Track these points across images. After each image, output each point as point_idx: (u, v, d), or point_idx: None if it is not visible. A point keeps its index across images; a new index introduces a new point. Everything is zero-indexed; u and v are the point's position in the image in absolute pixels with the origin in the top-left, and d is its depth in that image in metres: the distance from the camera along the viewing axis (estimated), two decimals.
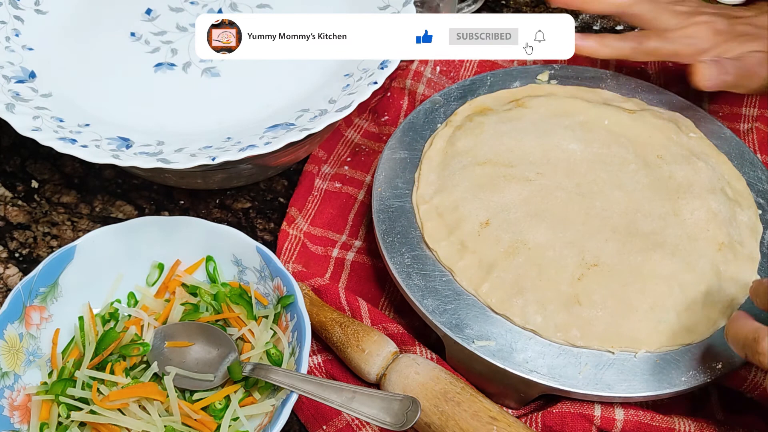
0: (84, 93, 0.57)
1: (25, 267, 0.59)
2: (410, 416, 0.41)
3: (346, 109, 0.51)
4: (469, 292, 0.49)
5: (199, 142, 0.52)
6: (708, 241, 0.50)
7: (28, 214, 0.62)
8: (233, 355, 0.49)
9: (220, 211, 0.62)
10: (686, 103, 0.61)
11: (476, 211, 0.52)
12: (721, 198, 0.52)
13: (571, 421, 0.46)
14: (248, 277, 0.52)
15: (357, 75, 0.55)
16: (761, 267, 0.50)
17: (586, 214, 0.51)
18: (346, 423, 0.48)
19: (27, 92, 0.55)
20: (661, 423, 0.46)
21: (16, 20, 0.60)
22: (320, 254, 0.58)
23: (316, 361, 0.52)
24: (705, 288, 0.48)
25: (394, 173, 0.56)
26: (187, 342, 0.50)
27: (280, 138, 0.50)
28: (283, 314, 0.50)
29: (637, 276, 0.48)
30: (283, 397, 0.45)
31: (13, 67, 0.57)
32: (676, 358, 0.46)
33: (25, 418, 0.46)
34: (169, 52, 0.61)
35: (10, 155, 0.66)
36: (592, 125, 0.56)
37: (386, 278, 0.56)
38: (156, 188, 0.64)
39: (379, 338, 0.49)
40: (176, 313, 0.51)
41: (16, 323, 0.48)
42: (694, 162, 0.54)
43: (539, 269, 0.48)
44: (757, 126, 0.65)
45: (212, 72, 0.59)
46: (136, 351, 0.49)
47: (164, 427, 0.45)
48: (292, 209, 0.60)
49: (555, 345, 0.46)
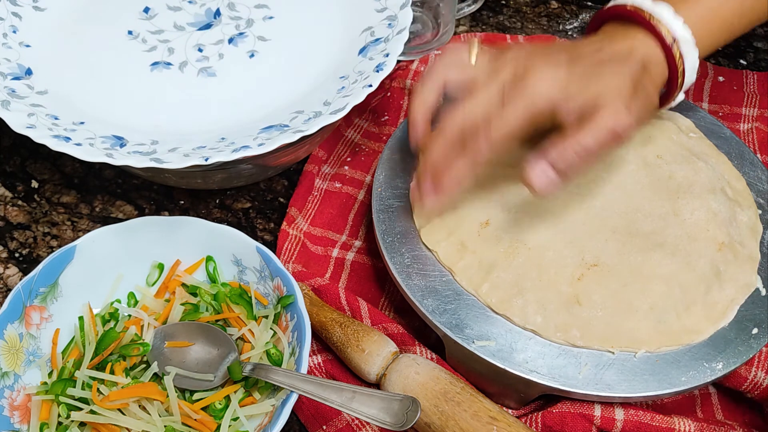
0: (80, 91, 0.57)
1: (25, 267, 0.59)
2: (410, 416, 0.41)
3: (341, 111, 0.51)
4: (469, 292, 0.49)
5: (193, 142, 0.52)
6: (708, 241, 0.50)
7: (28, 214, 0.62)
8: (233, 355, 0.49)
9: (220, 211, 0.62)
10: (686, 103, 0.61)
11: (476, 211, 0.52)
12: (721, 198, 0.52)
13: (571, 421, 0.46)
14: (248, 277, 0.52)
15: (352, 77, 0.55)
16: (761, 267, 0.50)
17: (586, 214, 0.51)
18: (346, 423, 0.48)
19: (23, 89, 0.55)
20: (661, 423, 0.46)
21: (14, 17, 0.60)
22: (320, 254, 0.58)
23: (316, 361, 0.52)
24: (705, 288, 0.48)
25: (394, 173, 0.56)
26: (187, 342, 0.49)
27: (274, 139, 0.50)
28: (283, 314, 0.50)
29: (637, 276, 0.48)
30: (283, 397, 0.45)
31: (9, 63, 0.57)
32: (676, 358, 0.46)
33: (25, 418, 0.46)
34: (165, 51, 0.60)
35: (10, 155, 0.66)
36: None
37: (386, 278, 0.56)
38: (156, 188, 0.64)
39: (379, 338, 0.49)
40: (176, 313, 0.51)
41: (16, 323, 0.48)
42: (694, 162, 0.54)
43: (539, 269, 0.48)
44: (757, 126, 0.65)
45: (208, 72, 0.59)
46: (136, 351, 0.49)
47: (164, 427, 0.45)
48: (292, 209, 0.60)
49: (555, 345, 0.46)
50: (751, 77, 0.70)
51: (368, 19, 0.60)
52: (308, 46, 0.61)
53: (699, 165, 0.54)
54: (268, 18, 0.63)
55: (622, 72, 0.46)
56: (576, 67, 0.45)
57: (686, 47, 0.49)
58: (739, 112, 0.66)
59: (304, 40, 0.61)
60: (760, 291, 0.49)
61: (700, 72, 0.70)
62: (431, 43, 0.73)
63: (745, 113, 0.66)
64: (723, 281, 0.49)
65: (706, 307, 0.47)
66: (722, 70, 0.71)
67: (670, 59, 0.49)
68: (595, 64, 0.46)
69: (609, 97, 0.44)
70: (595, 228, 0.50)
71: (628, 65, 0.46)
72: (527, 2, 0.80)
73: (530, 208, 0.51)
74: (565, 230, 0.50)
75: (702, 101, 0.68)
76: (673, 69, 0.49)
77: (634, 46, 0.48)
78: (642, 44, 0.48)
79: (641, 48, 0.48)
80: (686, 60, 0.49)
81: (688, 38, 0.48)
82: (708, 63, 0.71)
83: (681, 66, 0.49)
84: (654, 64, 0.49)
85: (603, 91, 0.44)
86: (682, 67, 0.49)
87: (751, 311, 0.48)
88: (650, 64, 0.48)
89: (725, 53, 0.74)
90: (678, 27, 0.48)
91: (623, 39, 0.49)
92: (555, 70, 0.45)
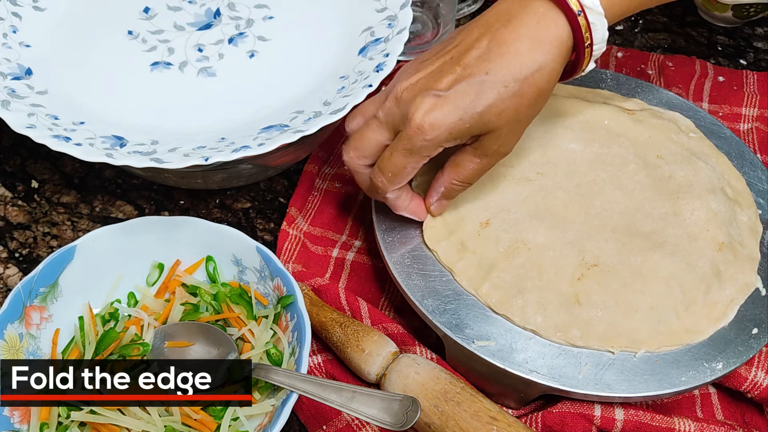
0: (79, 91, 0.57)
1: (25, 267, 0.59)
2: (410, 416, 0.41)
3: (341, 111, 0.51)
4: (469, 292, 0.49)
5: (193, 142, 0.52)
6: (708, 241, 0.50)
7: (28, 214, 0.62)
8: (233, 355, 0.49)
9: (220, 211, 0.62)
10: (686, 103, 0.61)
11: (476, 211, 0.52)
12: (721, 198, 0.52)
13: (571, 421, 0.46)
14: (248, 277, 0.52)
15: (352, 77, 0.55)
16: (761, 267, 0.50)
17: (586, 214, 0.51)
18: (346, 423, 0.48)
19: (23, 89, 0.55)
20: (661, 423, 0.46)
21: (14, 17, 0.60)
22: (320, 254, 0.58)
23: (316, 361, 0.52)
24: (705, 288, 0.48)
25: None
26: (187, 342, 0.49)
27: (274, 139, 0.50)
28: (283, 314, 0.50)
29: (637, 276, 0.48)
30: (283, 397, 0.45)
31: (9, 63, 0.57)
32: (676, 358, 0.46)
33: (25, 418, 0.46)
34: (165, 51, 0.60)
35: (10, 155, 0.66)
36: (592, 125, 0.56)
37: (386, 278, 0.56)
38: (156, 188, 0.64)
39: (379, 338, 0.49)
40: (176, 313, 0.51)
41: (16, 323, 0.48)
42: (694, 162, 0.54)
43: (539, 269, 0.48)
44: (757, 126, 0.65)
45: (208, 72, 0.59)
46: (136, 351, 0.49)
47: (164, 427, 0.45)
48: (292, 209, 0.60)
49: (555, 345, 0.46)
50: (751, 77, 0.70)
51: (368, 19, 0.60)
52: (308, 46, 0.61)
53: (699, 165, 0.54)
54: (268, 18, 0.63)
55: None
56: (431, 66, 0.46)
57: (594, 16, 0.44)
58: (739, 112, 0.66)
59: (304, 40, 0.61)
60: (760, 291, 0.49)
61: (701, 72, 0.70)
62: (431, 43, 0.73)
63: (745, 113, 0.66)
64: (723, 281, 0.49)
65: (706, 307, 0.47)
66: (722, 70, 0.71)
67: (576, 30, 0.44)
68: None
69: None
70: (595, 228, 0.50)
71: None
72: None
73: (530, 208, 0.51)
74: (565, 230, 0.50)
75: (702, 101, 0.68)
76: (579, 39, 0.44)
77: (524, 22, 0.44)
78: (535, 16, 0.44)
79: (532, 21, 0.44)
80: (594, 31, 0.44)
81: (595, 6, 0.44)
82: (708, 63, 0.71)
83: (589, 38, 0.45)
84: (555, 36, 0.44)
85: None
86: (590, 39, 0.45)
87: (751, 311, 0.48)
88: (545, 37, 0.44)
89: (725, 53, 0.74)
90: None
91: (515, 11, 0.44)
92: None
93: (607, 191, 0.52)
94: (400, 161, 0.47)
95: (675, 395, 0.46)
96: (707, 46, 0.75)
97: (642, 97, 0.61)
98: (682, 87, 0.68)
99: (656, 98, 0.61)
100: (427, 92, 0.45)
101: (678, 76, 0.69)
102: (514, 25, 0.44)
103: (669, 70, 0.70)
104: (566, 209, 0.51)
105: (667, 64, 0.70)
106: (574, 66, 0.47)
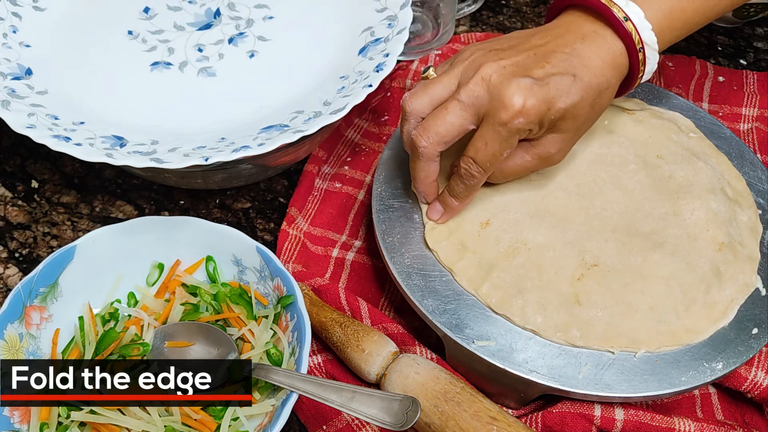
0: (80, 91, 0.57)
1: (25, 267, 0.59)
2: (410, 416, 0.41)
3: (341, 111, 0.51)
4: (469, 292, 0.49)
5: (193, 142, 0.52)
6: (708, 241, 0.50)
7: (28, 214, 0.62)
8: (233, 355, 0.49)
9: (220, 211, 0.62)
10: (686, 103, 0.61)
11: (476, 211, 0.52)
12: (721, 198, 0.52)
13: (571, 421, 0.46)
14: (248, 277, 0.52)
15: (352, 77, 0.55)
16: (761, 267, 0.50)
17: (586, 214, 0.51)
18: (346, 423, 0.48)
19: (23, 89, 0.55)
20: (661, 423, 0.46)
21: (14, 17, 0.60)
22: (320, 254, 0.58)
23: (316, 361, 0.52)
24: (705, 288, 0.48)
25: (394, 173, 0.56)
26: (187, 342, 0.49)
27: (274, 139, 0.50)
28: (283, 314, 0.50)
29: (637, 276, 0.48)
30: (283, 397, 0.45)
31: (9, 63, 0.57)
32: (676, 358, 0.46)
33: (25, 418, 0.46)
34: (165, 51, 0.61)
35: (10, 155, 0.66)
36: None
37: (386, 278, 0.56)
38: (156, 188, 0.64)
39: (379, 338, 0.49)
40: (176, 313, 0.51)
41: (16, 323, 0.48)
42: (694, 162, 0.54)
43: (539, 269, 0.48)
44: (757, 126, 0.65)
45: (208, 72, 0.59)
46: (136, 351, 0.49)
47: (164, 427, 0.45)
48: (292, 209, 0.60)
49: (555, 345, 0.46)
50: (751, 77, 0.70)
51: (368, 19, 0.60)
52: (308, 46, 0.61)
53: (699, 165, 0.54)
54: (268, 18, 0.63)
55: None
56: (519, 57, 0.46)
57: (650, 52, 0.47)
58: (739, 112, 0.66)
59: (304, 40, 0.61)
60: (760, 291, 0.49)
61: (701, 72, 0.70)
62: (431, 43, 0.73)
63: (745, 113, 0.66)
64: (723, 281, 0.49)
65: (706, 307, 0.47)
66: (722, 70, 0.71)
67: (633, 60, 0.47)
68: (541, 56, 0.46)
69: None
70: (595, 228, 0.50)
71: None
72: (527, 2, 0.80)
73: (530, 207, 0.51)
74: (565, 230, 0.50)
75: (702, 101, 0.68)
76: (635, 70, 0.48)
77: (596, 43, 0.47)
78: (605, 41, 0.47)
79: (603, 45, 0.47)
80: (648, 63, 0.48)
81: (652, 43, 0.47)
82: (708, 63, 0.71)
83: (642, 71, 0.48)
84: (619, 57, 0.47)
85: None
86: (642, 72, 0.48)
87: (751, 311, 0.48)
88: (614, 59, 0.47)
89: (725, 53, 0.74)
90: (645, 30, 0.47)
91: (582, 31, 0.47)
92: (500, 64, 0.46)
93: (607, 191, 0.52)
94: (497, 148, 0.46)
95: (675, 395, 0.46)
96: (707, 46, 0.75)
97: (642, 97, 0.61)
98: (682, 87, 0.68)
99: (656, 98, 0.61)
100: (524, 78, 0.45)
101: (678, 76, 0.69)
102: (588, 44, 0.47)
103: (669, 70, 0.70)
104: (566, 209, 0.51)
105: (667, 64, 0.70)
106: (618, 92, 0.50)
